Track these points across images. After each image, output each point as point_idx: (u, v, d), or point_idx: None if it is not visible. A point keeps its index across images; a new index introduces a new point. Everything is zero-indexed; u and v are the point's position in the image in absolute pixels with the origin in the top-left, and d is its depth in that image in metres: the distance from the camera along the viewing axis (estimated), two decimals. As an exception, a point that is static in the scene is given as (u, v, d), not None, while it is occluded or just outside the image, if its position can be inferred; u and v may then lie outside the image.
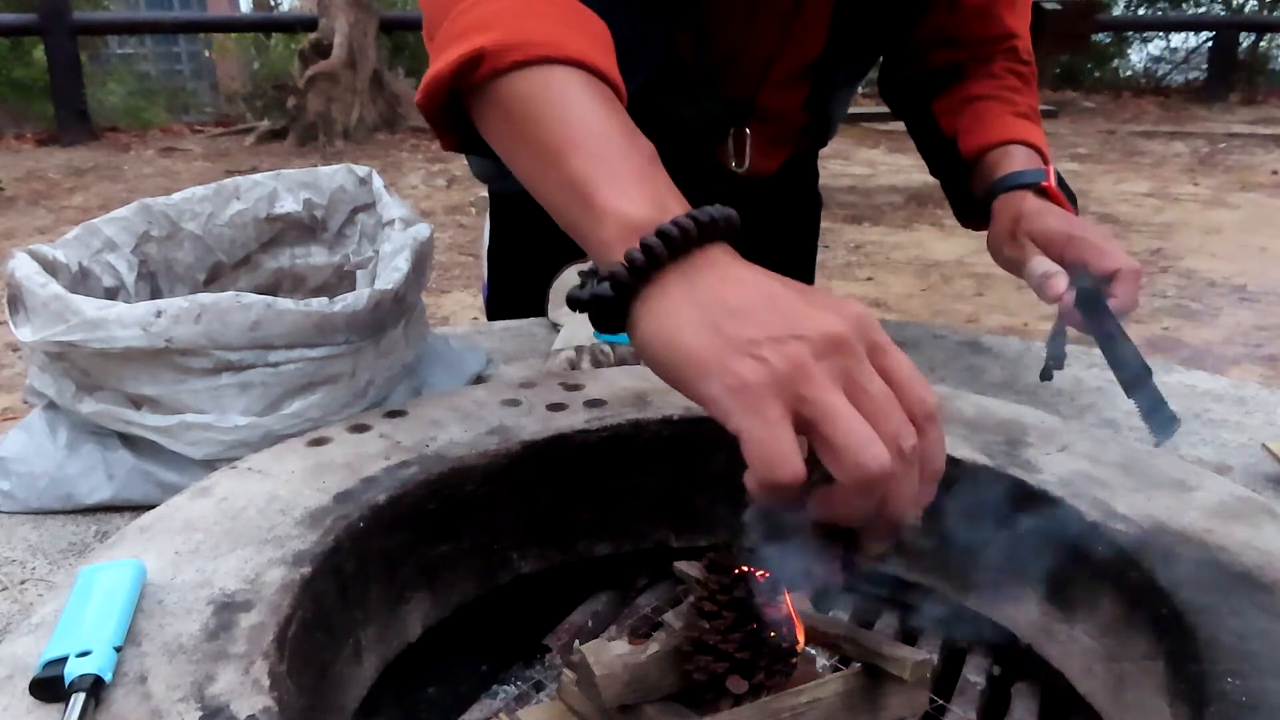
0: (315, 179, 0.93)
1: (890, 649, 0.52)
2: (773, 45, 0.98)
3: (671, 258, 0.48)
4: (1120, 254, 0.83)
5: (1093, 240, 0.84)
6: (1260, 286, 3.88)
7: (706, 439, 0.71)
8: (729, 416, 0.43)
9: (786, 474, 0.42)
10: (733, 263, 0.49)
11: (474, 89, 0.60)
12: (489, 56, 0.58)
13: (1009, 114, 0.98)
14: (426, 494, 0.63)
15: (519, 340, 1.04)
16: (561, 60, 0.57)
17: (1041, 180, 0.91)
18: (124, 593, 0.49)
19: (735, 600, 0.52)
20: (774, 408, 0.42)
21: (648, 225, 0.48)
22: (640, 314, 0.48)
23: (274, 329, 0.69)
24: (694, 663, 0.51)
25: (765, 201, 1.14)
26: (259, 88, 7.77)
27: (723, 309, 0.46)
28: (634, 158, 0.54)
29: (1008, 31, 1.02)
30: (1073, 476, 0.64)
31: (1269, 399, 0.92)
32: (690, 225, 0.48)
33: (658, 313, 0.47)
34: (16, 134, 7.08)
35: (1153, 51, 11.75)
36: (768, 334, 0.44)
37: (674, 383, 0.47)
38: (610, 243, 0.50)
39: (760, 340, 0.44)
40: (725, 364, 0.44)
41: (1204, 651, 0.49)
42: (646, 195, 0.51)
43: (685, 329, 0.46)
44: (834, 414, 0.42)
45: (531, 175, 0.57)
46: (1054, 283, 0.83)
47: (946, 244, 4.42)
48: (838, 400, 0.43)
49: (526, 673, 0.67)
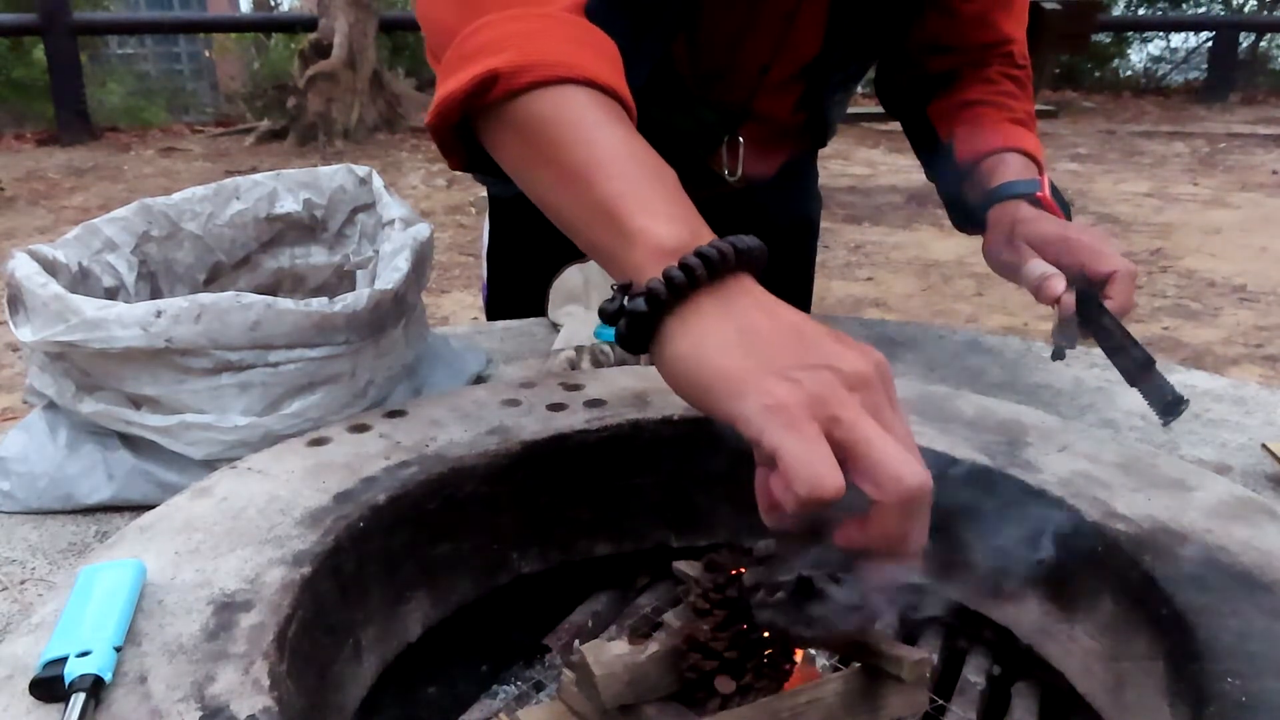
0: (315, 179, 0.93)
1: (890, 649, 0.52)
2: (768, 52, 0.98)
3: (708, 280, 0.49)
4: (1116, 256, 0.84)
5: (1088, 243, 0.85)
6: (1260, 286, 3.88)
7: (706, 439, 0.71)
8: (764, 434, 0.44)
9: (830, 487, 0.42)
10: (764, 293, 0.50)
11: (486, 110, 0.59)
12: (503, 78, 0.57)
13: (1005, 120, 0.99)
14: (426, 494, 0.63)
15: (519, 340, 1.04)
16: (576, 80, 0.58)
17: (1036, 191, 0.92)
18: (124, 593, 0.49)
19: (727, 599, 0.52)
20: (810, 425, 0.43)
21: (682, 247, 0.50)
22: (672, 332, 0.49)
23: (274, 329, 0.69)
24: (687, 660, 0.51)
25: (764, 203, 1.14)
26: (259, 88, 7.77)
27: (755, 334, 0.47)
28: (661, 181, 0.55)
29: (1004, 37, 1.03)
30: (1073, 476, 0.64)
31: (1269, 399, 0.92)
32: (729, 250, 0.49)
33: (691, 332, 0.48)
34: (16, 134, 7.08)
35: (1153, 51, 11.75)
36: (800, 361, 0.46)
37: (702, 401, 0.48)
38: (642, 264, 0.51)
39: (793, 365, 0.45)
40: (760, 384, 0.45)
41: (1204, 651, 0.49)
42: (677, 218, 0.52)
43: (719, 349, 0.47)
44: (869, 433, 0.44)
45: (552, 196, 0.57)
46: (1051, 284, 0.84)
47: (946, 244, 4.42)
48: (870, 422, 0.44)
49: (526, 673, 0.67)
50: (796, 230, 1.25)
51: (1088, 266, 0.84)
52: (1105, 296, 0.83)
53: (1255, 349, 3.24)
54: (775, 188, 1.14)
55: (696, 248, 0.49)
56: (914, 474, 0.43)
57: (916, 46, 1.04)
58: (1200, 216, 5.06)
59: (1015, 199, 0.92)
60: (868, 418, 0.44)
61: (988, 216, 0.94)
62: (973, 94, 1.01)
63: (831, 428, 0.44)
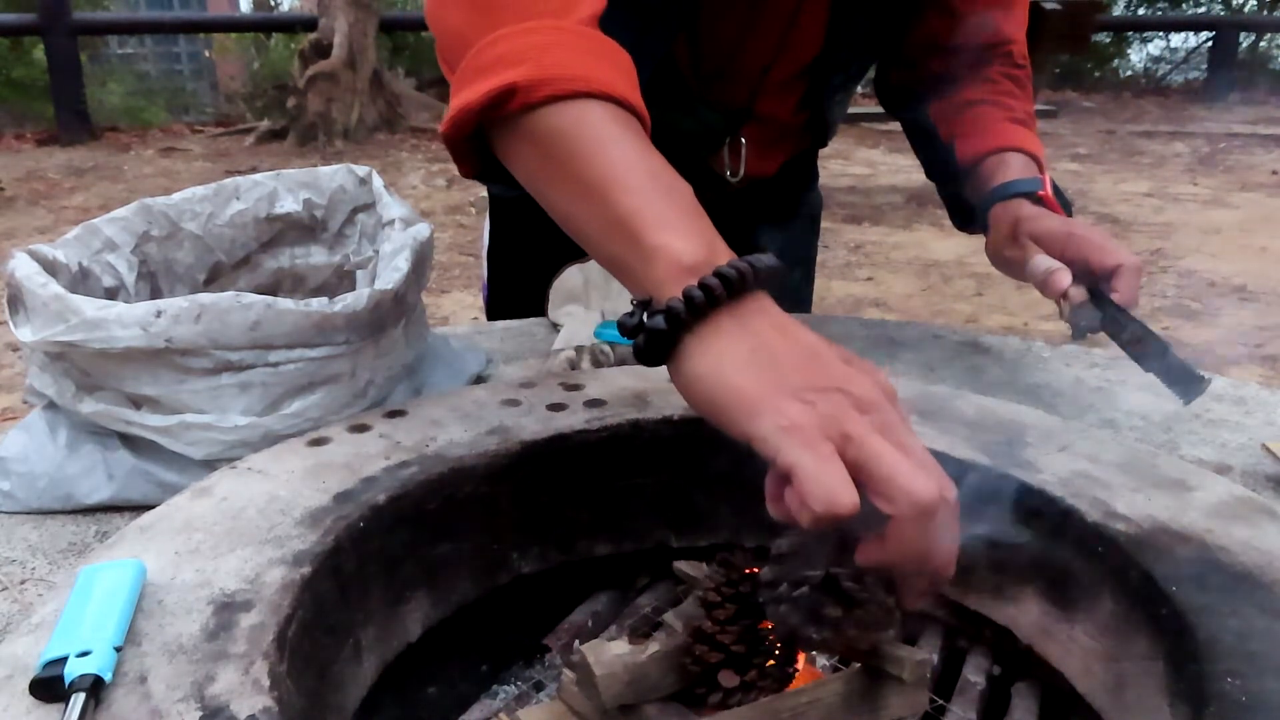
0: (315, 179, 0.93)
1: (890, 649, 0.52)
2: (770, 52, 0.99)
3: (727, 300, 0.50)
4: (1121, 250, 0.85)
5: (1092, 238, 0.86)
6: (1260, 286, 3.88)
7: (706, 439, 0.71)
8: (780, 453, 0.45)
9: (846, 503, 0.43)
10: (780, 313, 0.51)
11: (502, 122, 0.60)
12: (520, 91, 0.58)
13: (1005, 120, 0.99)
14: (426, 494, 0.63)
15: (519, 340, 1.04)
16: (594, 95, 0.58)
17: (1038, 189, 0.93)
18: (124, 593, 0.49)
19: (739, 594, 0.52)
20: (825, 445, 0.44)
21: (702, 265, 0.50)
22: (691, 350, 0.50)
23: (274, 329, 0.69)
24: (692, 652, 0.51)
25: (765, 202, 1.14)
26: (259, 88, 7.77)
27: (770, 355, 0.48)
28: (679, 197, 0.55)
29: (1004, 38, 1.03)
30: (1073, 476, 0.64)
31: (1269, 399, 0.92)
32: (748, 270, 0.50)
33: (710, 352, 0.49)
34: (16, 134, 7.08)
35: (1153, 51, 11.75)
36: (813, 384, 0.47)
37: (718, 418, 0.49)
38: (661, 281, 0.51)
39: (807, 388, 0.47)
40: (775, 404, 0.46)
41: (1204, 651, 0.49)
42: (695, 235, 0.53)
43: (736, 369, 0.48)
44: (880, 449, 0.45)
45: (569, 209, 0.58)
46: (1058, 278, 0.85)
47: (946, 244, 4.42)
48: (882, 440, 0.45)
49: (526, 673, 0.67)
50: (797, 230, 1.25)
51: (1093, 260, 0.85)
52: (1111, 290, 0.84)
53: (1255, 349, 3.24)
54: (776, 187, 1.14)
55: (716, 267, 0.50)
56: (926, 488, 0.44)
57: (917, 46, 1.04)
58: (1200, 216, 5.06)
59: (1017, 198, 0.92)
60: (879, 436, 0.45)
61: (990, 216, 0.94)
62: (973, 94, 1.01)
63: (844, 446, 0.45)
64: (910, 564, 0.46)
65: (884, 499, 0.44)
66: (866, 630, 0.50)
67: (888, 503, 0.44)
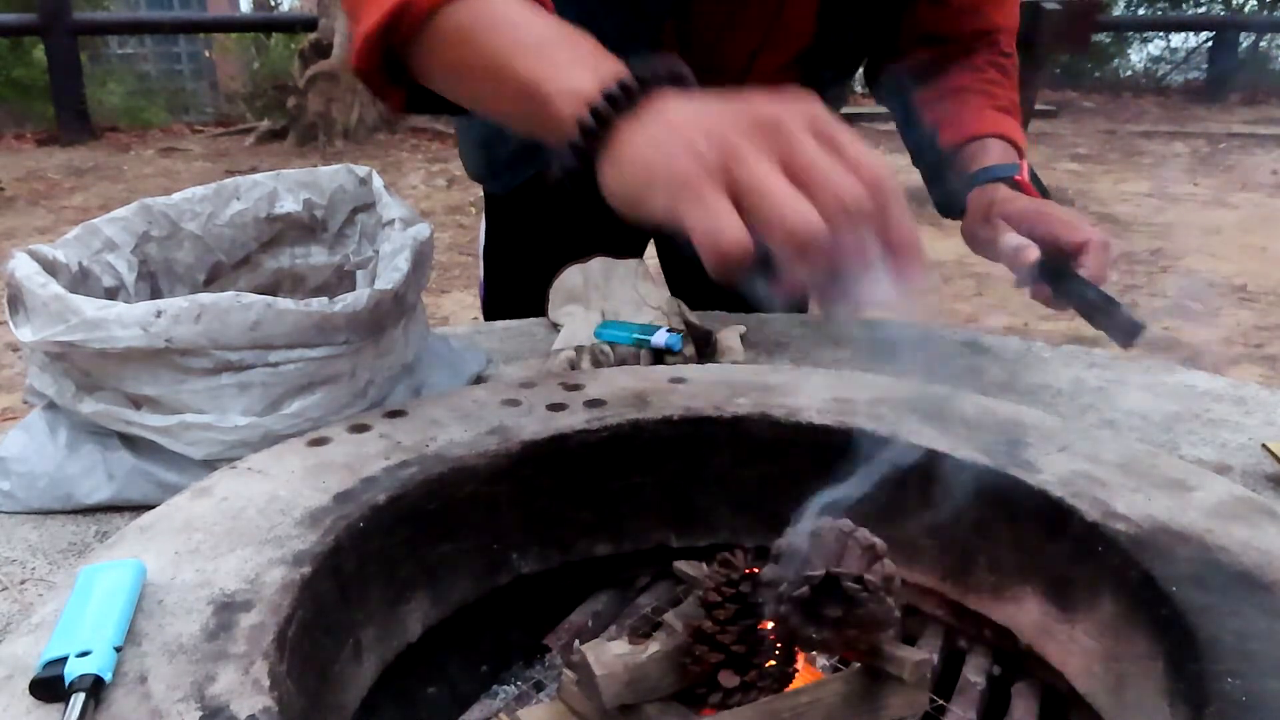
0: (315, 179, 0.93)
1: (890, 649, 0.52)
2: (758, 37, 0.99)
3: (619, 113, 0.50)
4: (1088, 227, 0.87)
5: (1060, 215, 0.88)
6: (1260, 286, 3.88)
7: (706, 439, 0.71)
8: (676, 217, 0.45)
9: (733, 246, 0.42)
10: (681, 99, 0.50)
11: (410, 40, 0.62)
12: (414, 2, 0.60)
13: (988, 107, 1.01)
14: (426, 494, 0.63)
15: (519, 340, 1.04)
16: None
17: (1015, 174, 0.95)
18: (124, 593, 0.49)
19: (739, 594, 0.52)
20: (711, 192, 0.44)
21: (595, 94, 0.51)
22: (605, 170, 0.51)
23: (274, 329, 0.69)
24: (692, 652, 0.51)
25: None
26: (259, 88, 7.76)
27: (667, 131, 0.48)
28: (574, 45, 0.56)
29: (993, 26, 1.05)
30: (1073, 476, 0.64)
31: (1269, 399, 0.92)
32: (631, 81, 0.51)
33: (617, 161, 0.50)
34: (16, 134, 7.07)
35: (1153, 51, 11.74)
36: (703, 132, 0.46)
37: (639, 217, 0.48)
38: (565, 118, 0.52)
39: (695, 138, 0.46)
40: (667, 168, 0.46)
41: (1204, 651, 0.49)
42: (589, 68, 0.53)
43: (636, 161, 0.49)
44: (760, 183, 0.43)
45: (483, 96, 0.60)
46: (1025, 254, 0.87)
47: (946, 244, 4.39)
48: (766, 171, 0.44)
49: (526, 673, 0.67)
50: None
51: (1061, 237, 0.87)
52: (1079, 265, 0.86)
53: (1255, 349, 3.24)
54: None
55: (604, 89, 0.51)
56: (798, 215, 0.42)
57: (906, 35, 1.05)
58: (1200, 216, 5.06)
59: (995, 182, 0.94)
60: (765, 165, 0.44)
61: (968, 198, 0.96)
62: (958, 81, 1.03)
63: (733, 187, 0.44)
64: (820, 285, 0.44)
65: (764, 232, 0.43)
66: (866, 630, 0.50)
67: (767, 237, 0.43)
